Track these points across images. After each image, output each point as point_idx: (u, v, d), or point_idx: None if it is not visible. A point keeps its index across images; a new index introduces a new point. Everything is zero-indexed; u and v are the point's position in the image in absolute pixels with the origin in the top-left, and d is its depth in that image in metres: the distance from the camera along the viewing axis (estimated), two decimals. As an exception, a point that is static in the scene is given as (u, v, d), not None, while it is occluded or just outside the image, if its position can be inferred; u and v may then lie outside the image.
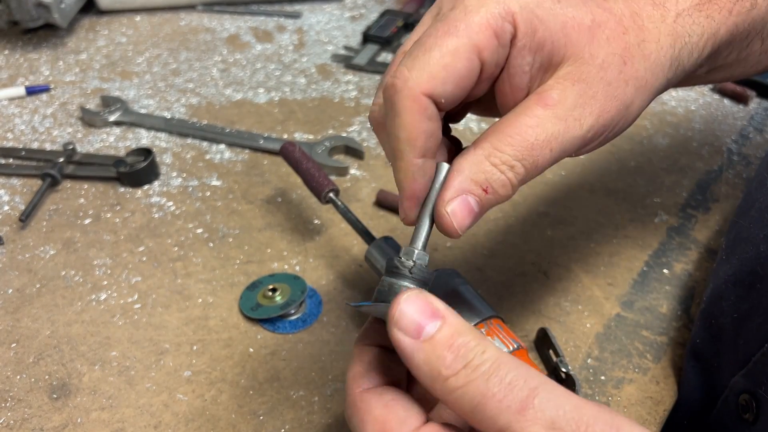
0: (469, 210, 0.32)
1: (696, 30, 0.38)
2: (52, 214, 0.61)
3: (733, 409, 0.44)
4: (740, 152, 0.71)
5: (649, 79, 0.36)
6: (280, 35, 0.92)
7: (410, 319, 0.28)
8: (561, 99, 0.33)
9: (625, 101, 0.34)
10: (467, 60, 0.31)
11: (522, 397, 0.25)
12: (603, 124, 0.34)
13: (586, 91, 0.33)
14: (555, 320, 0.52)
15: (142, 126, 0.73)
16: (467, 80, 0.32)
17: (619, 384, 0.48)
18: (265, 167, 0.68)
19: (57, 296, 0.53)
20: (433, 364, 0.27)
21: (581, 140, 0.34)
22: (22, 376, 0.47)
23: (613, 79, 0.34)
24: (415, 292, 0.28)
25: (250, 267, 0.56)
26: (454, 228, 0.32)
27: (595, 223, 0.61)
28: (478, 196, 0.32)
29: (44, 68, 0.83)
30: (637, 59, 0.35)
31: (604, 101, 0.34)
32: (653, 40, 0.36)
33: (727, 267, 0.47)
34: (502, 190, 0.33)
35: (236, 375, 0.47)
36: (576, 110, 0.33)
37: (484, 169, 0.32)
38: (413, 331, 0.27)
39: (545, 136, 0.32)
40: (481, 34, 0.31)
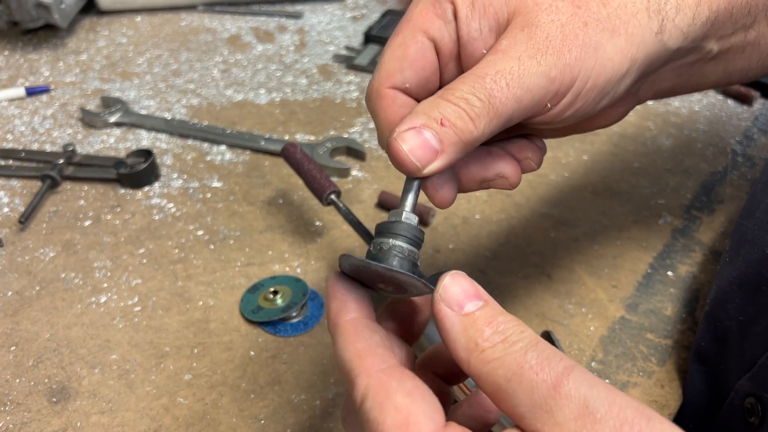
0: (424, 142, 0.31)
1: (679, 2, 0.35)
2: (51, 216, 0.61)
3: (738, 413, 0.43)
4: (745, 153, 0.70)
5: (617, 24, 0.34)
6: (281, 36, 0.91)
7: (454, 294, 0.28)
8: (511, 44, 0.32)
9: (587, 41, 0.33)
10: (414, 43, 0.33)
11: (558, 372, 0.25)
12: (566, 63, 0.32)
13: (536, 33, 0.32)
14: (558, 323, 0.51)
15: (143, 127, 0.73)
16: (423, 60, 0.34)
17: (624, 387, 0.47)
18: (266, 168, 0.67)
19: (57, 299, 0.53)
20: (471, 336, 0.27)
21: (545, 78, 0.32)
22: (21, 379, 0.47)
23: (566, 21, 0.33)
24: (461, 273, 0.29)
25: (251, 269, 0.56)
26: (408, 159, 0.31)
27: (598, 225, 0.61)
28: (433, 128, 0.31)
29: (44, 69, 0.83)
30: (592, 3, 0.33)
31: (562, 41, 0.32)
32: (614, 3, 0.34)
33: (732, 269, 0.46)
34: (459, 122, 0.31)
35: (237, 378, 0.47)
36: (530, 50, 0.32)
37: (438, 104, 0.32)
38: (456, 304, 0.28)
39: (496, 70, 0.32)
40: (421, 17, 0.34)
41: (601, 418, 0.23)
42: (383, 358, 0.29)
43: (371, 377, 0.28)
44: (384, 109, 0.34)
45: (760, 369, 0.41)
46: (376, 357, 0.29)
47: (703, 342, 0.48)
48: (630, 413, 0.23)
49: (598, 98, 0.35)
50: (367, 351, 0.29)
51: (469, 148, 0.32)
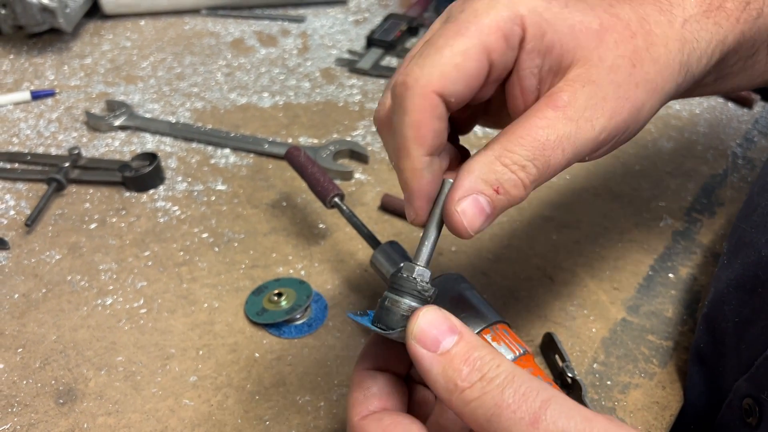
0: (480, 210, 0.32)
1: (704, 36, 0.38)
2: (57, 219, 0.61)
3: (736, 414, 0.43)
4: (745, 156, 0.71)
5: (659, 83, 0.36)
6: (284, 39, 0.92)
7: (428, 333, 0.29)
8: (571, 100, 0.33)
9: (636, 103, 0.35)
10: (477, 60, 0.32)
11: (535, 409, 0.26)
12: (615, 125, 0.34)
13: (596, 93, 0.33)
14: (561, 325, 0.52)
15: (147, 130, 0.73)
16: (476, 80, 0.32)
17: (626, 389, 0.47)
18: (269, 171, 0.68)
19: (63, 301, 0.53)
20: (450, 376, 0.28)
21: (594, 142, 0.34)
22: (28, 381, 0.47)
23: (622, 81, 0.34)
24: (433, 308, 0.30)
25: (255, 272, 0.56)
26: (464, 228, 0.32)
27: (600, 228, 0.61)
28: (489, 196, 0.32)
29: (49, 73, 0.83)
30: (646, 62, 0.35)
31: (615, 103, 0.34)
32: (662, 44, 0.36)
33: (729, 271, 0.47)
34: (514, 190, 0.33)
35: (242, 380, 0.47)
36: (587, 111, 0.33)
37: (495, 169, 0.32)
38: (431, 344, 0.28)
39: (556, 137, 0.32)
40: (491, 35, 0.32)
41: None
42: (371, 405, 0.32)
43: (356, 424, 0.31)
44: (422, 112, 0.32)
45: (757, 370, 0.42)
46: (364, 405, 0.32)
47: (702, 344, 0.48)
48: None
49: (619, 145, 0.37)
50: (359, 400, 0.32)
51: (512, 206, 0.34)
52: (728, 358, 0.45)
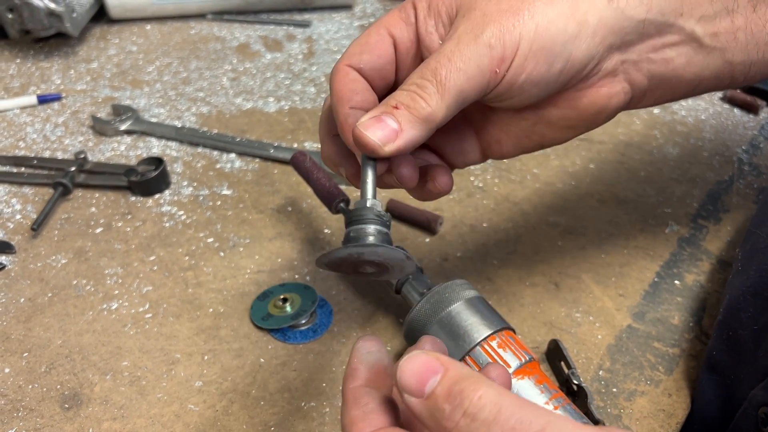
0: (383, 125, 0.34)
1: None
2: (63, 223, 0.62)
3: (752, 423, 0.43)
4: (751, 162, 0.71)
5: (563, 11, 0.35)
6: (289, 44, 0.92)
7: (413, 379, 0.28)
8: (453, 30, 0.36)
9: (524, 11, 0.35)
10: (376, 35, 0.38)
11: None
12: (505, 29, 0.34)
13: (474, 15, 0.35)
14: (566, 331, 0.52)
15: (153, 135, 0.73)
16: (380, 49, 0.38)
17: (631, 396, 0.47)
18: (275, 176, 0.68)
19: (68, 305, 0.53)
20: (437, 419, 0.26)
21: (486, 47, 0.34)
22: (33, 385, 0.47)
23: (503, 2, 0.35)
24: (414, 353, 0.28)
25: (260, 276, 0.56)
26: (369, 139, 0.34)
27: (605, 234, 0.61)
28: (391, 113, 0.34)
29: (56, 77, 0.84)
30: None
31: (498, 14, 0.35)
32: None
33: (745, 278, 0.47)
34: (411, 102, 0.34)
35: (247, 385, 0.47)
36: (468, 29, 0.35)
37: (393, 94, 0.35)
38: (417, 390, 0.27)
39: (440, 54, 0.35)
40: (388, 19, 0.39)
41: None
42: (372, 423, 0.31)
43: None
44: (337, 81, 0.37)
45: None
46: (366, 422, 0.31)
47: (715, 351, 0.48)
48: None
49: (550, 60, 0.35)
50: (359, 417, 0.32)
51: (428, 125, 0.35)
52: (744, 366, 0.45)
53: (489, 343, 0.43)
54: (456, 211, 0.63)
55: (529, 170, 0.69)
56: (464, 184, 0.67)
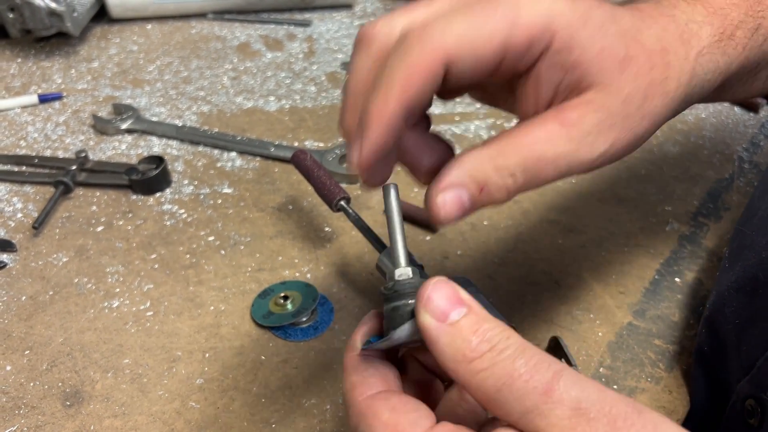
0: (460, 204, 0.33)
1: (711, 68, 0.38)
2: (64, 222, 0.62)
3: (739, 415, 0.43)
4: (751, 160, 0.71)
5: (664, 114, 0.36)
6: (290, 43, 0.92)
7: (437, 303, 0.28)
8: (579, 122, 0.33)
9: (638, 133, 0.35)
10: (494, 42, 0.31)
11: (548, 378, 0.25)
12: (614, 152, 0.34)
13: (605, 120, 0.33)
14: (567, 329, 0.52)
15: (154, 134, 0.73)
16: (490, 64, 0.31)
17: (632, 393, 0.47)
18: (276, 175, 0.68)
19: (70, 303, 0.54)
20: (458, 347, 0.27)
21: (589, 164, 0.34)
22: (35, 383, 0.47)
23: (632, 113, 0.34)
24: (442, 280, 0.29)
25: (261, 275, 0.56)
26: (441, 217, 0.32)
27: (606, 232, 0.61)
28: (472, 193, 0.33)
29: (57, 76, 0.84)
30: (657, 96, 0.35)
31: (620, 132, 0.34)
32: (675, 77, 0.36)
33: (730, 274, 0.47)
34: (497, 193, 0.33)
35: (248, 383, 0.48)
36: (590, 136, 0.33)
37: (486, 168, 0.32)
38: (440, 314, 0.28)
39: (554, 153, 0.32)
40: (519, 34, 0.31)
41: (595, 416, 0.25)
42: (372, 386, 0.31)
43: (361, 404, 0.30)
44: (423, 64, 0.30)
45: (759, 371, 0.42)
46: (365, 386, 0.31)
47: (705, 347, 0.48)
48: (622, 408, 0.25)
49: None
50: (359, 382, 0.32)
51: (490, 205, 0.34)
52: (730, 360, 0.45)
53: (490, 340, 0.43)
54: (456, 209, 0.63)
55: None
56: (465, 182, 0.67)
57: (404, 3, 1.03)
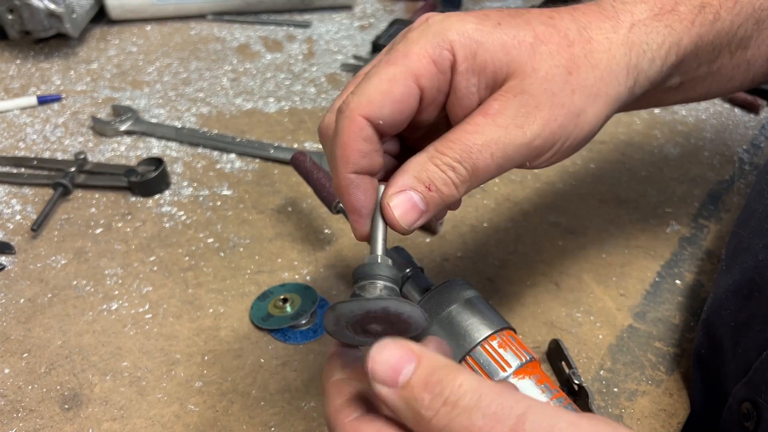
0: (412, 205, 0.34)
1: (655, 38, 0.38)
2: (63, 224, 0.62)
3: (736, 418, 0.43)
4: (752, 162, 0.71)
5: (601, 87, 0.36)
6: (289, 45, 0.92)
7: (385, 368, 0.27)
8: (501, 109, 0.34)
9: (573, 109, 0.35)
10: (404, 86, 0.34)
11: (511, 425, 0.24)
12: (551, 131, 0.35)
13: (528, 102, 0.34)
14: (567, 331, 0.52)
15: (153, 135, 0.73)
16: (405, 104, 0.34)
17: (633, 396, 0.47)
18: (275, 177, 0.68)
19: (68, 306, 0.53)
20: (414, 408, 0.26)
21: (526, 147, 0.35)
22: (33, 386, 0.47)
23: (557, 90, 0.35)
24: (386, 340, 0.28)
25: (260, 277, 0.56)
26: (397, 221, 0.34)
27: (606, 234, 0.61)
28: (421, 192, 0.34)
29: (55, 78, 0.84)
30: (583, 69, 0.36)
31: (550, 110, 0.35)
32: (603, 50, 0.36)
33: (728, 277, 0.47)
34: (444, 188, 0.34)
35: (247, 386, 0.47)
36: (517, 119, 0.34)
37: (427, 168, 0.34)
38: (390, 380, 0.27)
39: (483, 141, 0.34)
40: (419, 62, 0.34)
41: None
42: (356, 409, 0.31)
43: (347, 426, 0.30)
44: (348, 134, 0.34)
45: (755, 373, 0.42)
46: (350, 409, 0.31)
47: (702, 349, 0.48)
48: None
49: (570, 152, 0.38)
50: (343, 405, 0.31)
51: (450, 205, 0.36)
52: (727, 363, 0.45)
53: (489, 343, 0.43)
54: (456, 211, 0.63)
55: (529, 170, 0.69)
56: (464, 184, 0.67)
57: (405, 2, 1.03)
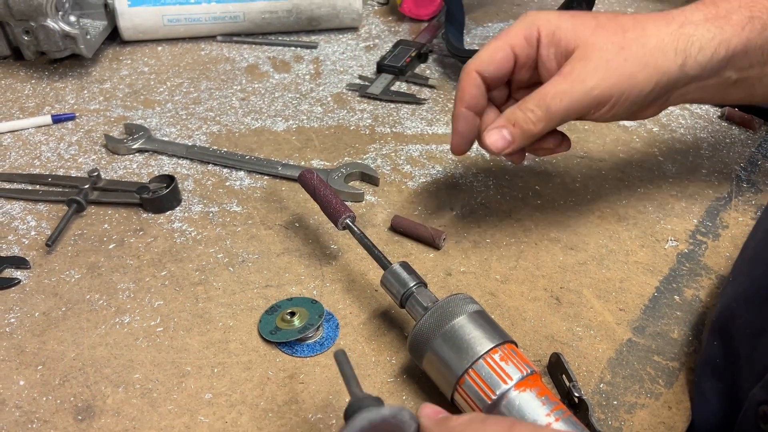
0: (502, 137, 0.53)
1: (704, 34, 0.50)
2: (77, 239, 0.63)
3: (752, 422, 0.44)
4: (749, 179, 0.72)
5: (650, 60, 0.50)
6: (297, 65, 0.94)
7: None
8: (569, 70, 0.50)
9: (624, 72, 0.49)
10: (504, 52, 0.53)
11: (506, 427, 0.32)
12: (607, 86, 0.49)
13: (587, 65, 0.50)
14: (567, 345, 0.53)
15: (165, 153, 0.75)
16: (503, 64, 0.54)
17: (632, 409, 0.48)
18: (283, 193, 0.69)
19: (82, 319, 0.55)
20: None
21: (588, 96, 0.49)
22: (47, 397, 0.49)
23: (611, 58, 0.49)
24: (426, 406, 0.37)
25: (268, 291, 0.57)
26: (489, 146, 0.54)
27: (605, 250, 0.62)
28: (509, 128, 0.52)
29: (70, 97, 0.86)
30: (633, 47, 0.50)
31: (605, 71, 0.49)
32: (653, 35, 0.50)
33: (736, 285, 0.49)
34: (525, 124, 0.51)
35: (256, 398, 0.49)
36: (580, 76, 0.49)
37: (514, 112, 0.52)
38: None
39: (555, 90, 0.50)
40: (515, 37, 0.53)
41: None
42: None
43: None
44: (465, 81, 0.55)
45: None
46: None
47: (717, 359, 0.49)
48: None
49: (630, 108, 0.52)
50: None
51: (533, 139, 0.53)
52: (743, 370, 0.46)
53: (492, 356, 0.44)
54: (459, 227, 0.64)
55: (530, 187, 0.70)
56: (468, 201, 0.68)
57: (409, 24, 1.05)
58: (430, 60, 0.96)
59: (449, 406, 0.46)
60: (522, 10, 1.09)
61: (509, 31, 0.53)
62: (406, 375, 0.51)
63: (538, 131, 0.51)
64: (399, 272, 0.51)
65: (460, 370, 0.44)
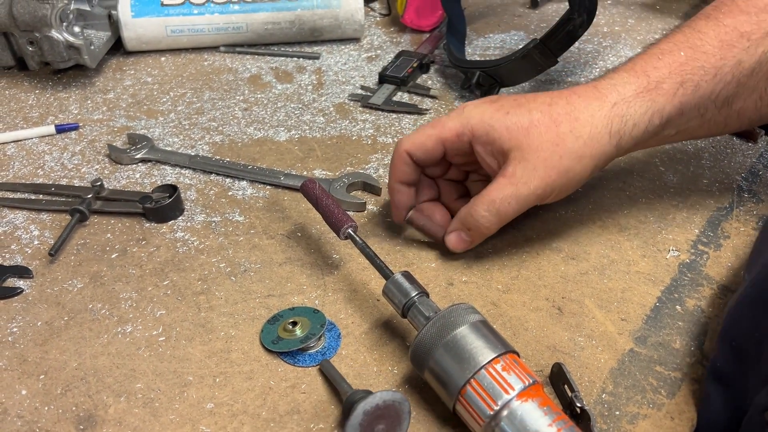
0: (461, 239, 0.59)
1: (637, 110, 0.54)
2: (80, 249, 0.63)
3: (757, 428, 0.44)
4: (750, 189, 0.72)
5: (585, 151, 0.54)
6: (299, 75, 0.95)
7: None
8: (512, 172, 0.54)
9: (561, 168, 0.54)
10: (434, 143, 0.58)
11: None
12: (547, 184, 0.54)
13: (527, 166, 0.54)
14: (569, 355, 0.53)
15: (167, 163, 0.76)
16: (432, 153, 0.59)
17: (634, 419, 0.48)
18: (285, 203, 0.70)
19: (84, 329, 0.55)
20: None
21: (533, 196, 0.55)
22: (50, 407, 0.49)
23: (547, 156, 0.53)
24: None
25: (270, 301, 0.58)
26: (453, 249, 0.60)
27: (607, 259, 0.62)
28: (464, 232, 0.59)
29: (73, 107, 0.87)
30: (568, 141, 0.53)
31: (544, 171, 0.54)
32: (586, 124, 0.53)
33: (742, 290, 0.49)
34: (479, 228, 0.57)
35: (257, 407, 0.49)
36: (523, 177, 0.54)
37: (467, 216, 0.58)
38: None
39: (502, 195, 0.55)
40: (447, 132, 0.57)
41: None
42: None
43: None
44: (396, 160, 0.60)
45: None
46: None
47: (719, 363, 0.49)
48: None
49: (572, 190, 0.58)
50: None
51: (487, 236, 0.59)
52: (749, 374, 0.46)
53: (494, 366, 0.44)
54: (461, 237, 0.64)
55: (532, 197, 0.70)
56: (469, 210, 0.68)
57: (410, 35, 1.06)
58: (432, 70, 0.97)
59: (451, 416, 0.46)
60: (522, 21, 1.10)
61: (443, 124, 0.57)
62: (408, 385, 0.51)
63: (492, 231, 0.58)
64: (401, 282, 0.51)
65: (462, 380, 0.44)
